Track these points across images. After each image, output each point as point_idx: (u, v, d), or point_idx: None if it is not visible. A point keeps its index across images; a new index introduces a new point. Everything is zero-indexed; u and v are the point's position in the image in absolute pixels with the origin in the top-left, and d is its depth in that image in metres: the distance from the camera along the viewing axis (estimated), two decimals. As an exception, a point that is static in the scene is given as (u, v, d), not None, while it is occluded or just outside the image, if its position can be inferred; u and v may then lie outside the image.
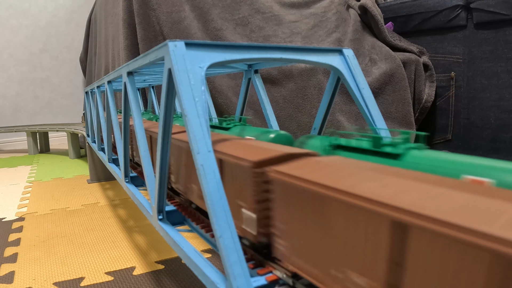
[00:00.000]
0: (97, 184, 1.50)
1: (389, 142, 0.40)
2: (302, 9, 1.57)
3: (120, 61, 1.70)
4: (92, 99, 1.27)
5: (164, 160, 0.46)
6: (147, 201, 0.59)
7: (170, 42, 0.39)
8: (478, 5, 1.31)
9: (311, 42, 1.46)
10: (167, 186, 0.51)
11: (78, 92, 3.07)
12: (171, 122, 0.45)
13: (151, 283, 0.69)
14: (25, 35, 2.87)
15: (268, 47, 0.46)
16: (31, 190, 1.47)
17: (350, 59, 0.54)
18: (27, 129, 2.40)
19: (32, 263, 0.80)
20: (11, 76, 2.84)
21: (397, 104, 1.42)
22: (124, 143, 0.70)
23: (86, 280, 0.71)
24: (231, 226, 0.32)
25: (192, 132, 0.35)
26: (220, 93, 1.47)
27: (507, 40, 1.26)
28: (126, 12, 1.58)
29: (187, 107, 0.36)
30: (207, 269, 0.36)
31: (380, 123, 0.53)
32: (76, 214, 1.12)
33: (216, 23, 1.49)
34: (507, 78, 1.28)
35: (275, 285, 0.33)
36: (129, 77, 0.60)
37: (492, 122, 1.32)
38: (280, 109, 1.42)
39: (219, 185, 0.33)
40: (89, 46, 2.63)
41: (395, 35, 1.55)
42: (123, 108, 0.66)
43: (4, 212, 1.19)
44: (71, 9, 3.00)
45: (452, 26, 1.40)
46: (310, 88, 1.40)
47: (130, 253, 0.83)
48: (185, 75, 0.38)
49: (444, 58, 1.46)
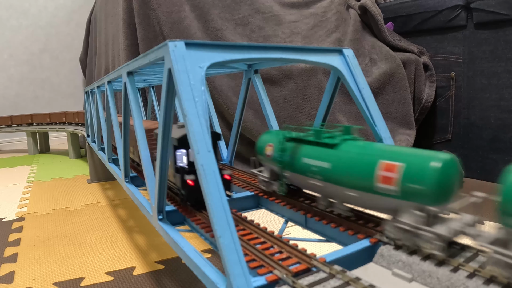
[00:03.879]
0: (97, 184, 1.50)
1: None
2: (302, 9, 1.57)
3: (120, 61, 1.70)
4: (92, 99, 1.27)
5: (164, 160, 0.46)
6: (147, 201, 0.59)
7: (170, 42, 0.39)
8: (478, 5, 1.31)
9: (311, 42, 1.46)
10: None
11: (78, 92, 3.07)
12: (171, 122, 0.45)
13: (151, 283, 0.69)
14: (25, 35, 2.87)
15: (268, 47, 0.46)
16: (31, 190, 1.47)
17: (350, 59, 0.54)
18: (27, 129, 2.40)
19: (32, 263, 0.80)
20: (11, 76, 2.84)
21: (397, 104, 1.42)
22: (124, 143, 0.70)
23: (86, 280, 0.71)
24: (231, 226, 0.32)
25: (192, 132, 0.35)
26: (220, 93, 1.47)
27: (507, 40, 1.26)
28: (126, 12, 1.58)
29: (187, 107, 0.36)
30: (207, 269, 0.36)
31: (380, 123, 0.53)
32: (76, 214, 1.12)
33: (216, 23, 1.49)
34: (507, 78, 1.28)
35: (275, 285, 0.33)
36: (129, 77, 0.60)
37: (492, 122, 1.32)
38: (280, 109, 1.42)
39: (219, 185, 0.33)
40: (89, 46, 2.62)
41: (395, 35, 1.55)
42: (123, 108, 0.66)
43: (4, 212, 1.19)
44: (71, 9, 3.00)
45: (452, 26, 1.40)
46: (310, 88, 1.40)
47: (130, 253, 0.83)
48: (185, 75, 0.38)
49: (444, 58, 1.46)
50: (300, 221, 0.52)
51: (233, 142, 0.84)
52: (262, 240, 0.42)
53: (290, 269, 0.34)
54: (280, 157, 0.52)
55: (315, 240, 0.48)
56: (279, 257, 0.37)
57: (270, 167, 0.56)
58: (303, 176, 0.48)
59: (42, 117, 2.35)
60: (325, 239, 0.48)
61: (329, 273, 0.33)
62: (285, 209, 0.55)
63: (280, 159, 0.52)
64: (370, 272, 0.36)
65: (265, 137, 0.58)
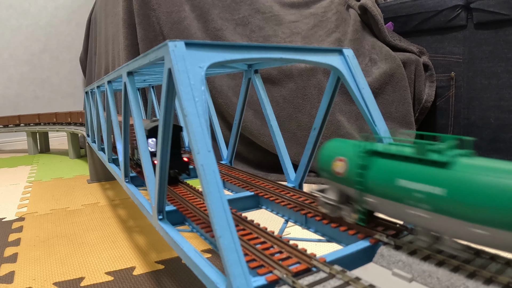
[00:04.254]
0: (97, 184, 1.50)
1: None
2: (302, 9, 1.57)
3: (120, 61, 1.70)
4: (92, 99, 1.27)
5: (164, 160, 0.46)
6: (147, 201, 0.59)
7: (170, 42, 0.39)
8: (478, 5, 1.31)
9: (311, 42, 1.46)
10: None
11: (78, 92, 3.07)
12: (171, 122, 0.45)
13: (151, 283, 0.69)
14: (25, 35, 2.87)
15: (268, 47, 0.46)
16: (31, 190, 1.47)
17: (350, 59, 0.54)
18: (27, 129, 2.40)
19: (32, 263, 0.80)
20: (11, 76, 2.84)
21: (397, 104, 1.42)
22: (124, 143, 0.70)
23: (86, 280, 0.71)
24: (231, 226, 0.32)
25: (192, 132, 0.35)
26: (220, 93, 1.47)
27: (507, 40, 1.26)
28: (126, 12, 1.58)
29: (187, 107, 0.36)
30: (207, 269, 0.36)
31: (380, 123, 0.53)
32: (76, 214, 1.12)
33: (216, 23, 1.49)
34: (507, 78, 1.28)
35: (275, 285, 0.33)
36: (129, 77, 0.60)
37: (492, 122, 1.32)
38: (280, 109, 1.42)
39: (219, 185, 0.33)
40: (89, 46, 2.63)
41: (395, 35, 1.55)
42: (123, 108, 0.66)
43: (4, 212, 1.19)
44: (71, 9, 3.00)
45: (452, 26, 1.40)
46: (310, 88, 1.40)
47: (130, 253, 0.83)
48: (185, 75, 0.38)
49: (444, 58, 1.46)
50: (300, 221, 0.52)
51: (233, 142, 0.84)
52: (262, 240, 0.42)
53: (290, 269, 0.34)
54: (359, 177, 0.40)
55: (315, 240, 0.48)
56: (279, 257, 0.37)
57: (340, 188, 0.44)
58: (398, 203, 0.37)
59: (48, 116, 2.33)
60: (325, 239, 0.48)
61: (329, 273, 0.33)
62: (285, 209, 0.55)
63: (359, 179, 0.40)
64: (370, 272, 0.36)
65: (333, 147, 0.45)
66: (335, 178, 0.44)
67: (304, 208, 0.52)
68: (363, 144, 0.40)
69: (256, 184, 0.66)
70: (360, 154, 0.40)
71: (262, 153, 1.50)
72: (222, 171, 0.79)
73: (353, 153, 0.41)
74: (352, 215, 0.43)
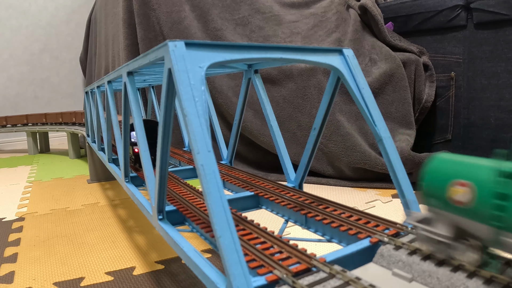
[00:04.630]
0: (97, 184, 1.50)
1: None
2: (302, 9, 1.57)
3: (120, 61, 1.70)
4: (92, 99, 1.27)
5: (164, 160, 0.46)
6: (147, 201, 0.59)
7: (170, 42, 0.39)
8: (478, 5, 1.31)
9: (311, 42, 1.46)
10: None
11: (78, 92, 3.07)
12: (171, 122, 0.45)
13: (151, 283, 0.69)
14: (25, 35, 2.87)
15: (268, 47, 0.46)
16: (31, 190, 1.47)
17: (350, 59, 0.54)
18: (27, 129, 2.40)
19: (32, 263, 0.80)
20: (11, 76, 2.84)
21: (397, 104, 1.42)
22: (124, 143, 0.70)
23: (86, 280, 0.71)
24: (231, 226, 0.32)
25: (192, 132, 0.35)
26: (220, 93, 1.47)
27: (507, 40, 1.26)
28: (126, 12, 1.58)
29: (187, 107, 0.36)
30: (207, 269, 0.36)
31: (380, 123, 0.53)
32: (76, 214, 1.12)
33: (216, 23, 1.49)
34: (507, 78, 1.28)
35: (275, 285, 0.33)
36: (129, 77, 0.60)
37: (492, 122, 1.32)
38: (280, 109, 1.42)
39: (219, 185, 0.33)
40: (89, 46, 2.63)
41: (395, 35, 1.55)
42: (123, 108, 0.66)
43: (4, 212, 1.19)
44: (71, 9, 3.00)
45: (452, 26, 1.40)
46: (310, 88, 1.40)
47: (130, 253, 0.83)
48: (185, 75, 0.37)
49: (444, 58, 1.46)
50: (300, 221, 0.52)
51: (233, 142, 0.84)
52: (262, 240, 0.42)
53: (290, 269, 0.34)
54: (497, 210, 0.29)
55: (315, 240, 0.48)
56: (279, 257, 0.37)
57: (457, 221, 0.32)
58: None
59: (54, 116, 2.31)
60: (325, 239, 0.48)
61: (329, 273, 0.33)
62: (285, 209, 0.55)
63: (496, 214, 0.29)
64: (370, 272, 0.36)
65: (448, 165, 0.33)
66: (452, 208, 0.32)
67: (304, 208, 0.52)
68: (499, 164, 0.29)
69: (256, 184, 0.66)
70: (497, 178, 0.29)
71: (262, 153, 1.50)
72: (222, 171, 0.79)
73: (484, 176, 0.30)
74: (473, 256, 0.32)
